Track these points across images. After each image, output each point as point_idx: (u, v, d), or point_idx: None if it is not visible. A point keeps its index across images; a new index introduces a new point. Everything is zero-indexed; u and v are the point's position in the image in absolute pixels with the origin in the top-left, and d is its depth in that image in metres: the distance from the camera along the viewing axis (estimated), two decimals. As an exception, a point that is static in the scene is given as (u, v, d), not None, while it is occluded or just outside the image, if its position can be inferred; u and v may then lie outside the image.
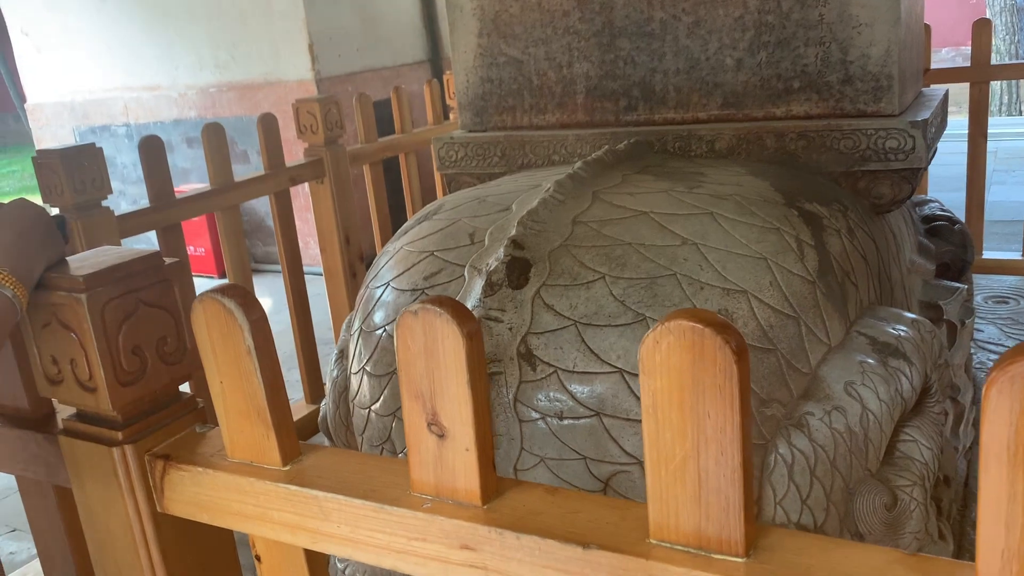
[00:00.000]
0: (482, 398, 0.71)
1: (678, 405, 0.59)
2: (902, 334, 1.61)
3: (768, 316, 1.45)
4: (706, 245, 1.48)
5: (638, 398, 1.39)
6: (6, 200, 1.01)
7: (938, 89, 2.24)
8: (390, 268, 1.78)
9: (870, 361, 1.52)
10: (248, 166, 5.70)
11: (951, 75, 3.70)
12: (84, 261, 0.86)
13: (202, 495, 0.84)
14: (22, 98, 7.78)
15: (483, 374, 0.71)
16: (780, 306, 1.47)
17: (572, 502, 0.70)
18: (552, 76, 2.15)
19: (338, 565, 1.80)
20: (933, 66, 3.57)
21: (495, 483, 0.73)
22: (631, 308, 1.42)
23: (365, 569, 1.65)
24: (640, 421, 1.38)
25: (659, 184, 1.69)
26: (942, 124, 2.17)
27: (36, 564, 1.99)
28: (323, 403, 2.03)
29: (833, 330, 1.54)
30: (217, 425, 0.89)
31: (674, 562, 0.62)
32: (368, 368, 1.68)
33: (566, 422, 1.42)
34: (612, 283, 1.45)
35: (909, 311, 1.81)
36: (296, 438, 0.83)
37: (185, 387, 0.98)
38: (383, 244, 3.24)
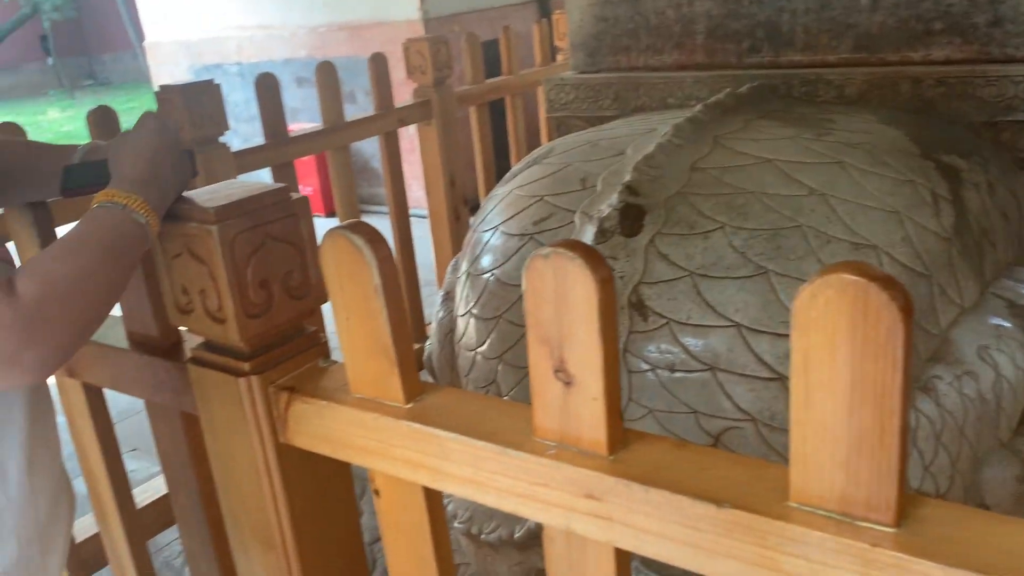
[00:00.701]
0: (612, 347, 0.68)
1: (831, 364, 0.55)
2: (1043, 298, 1.50)
3: (899, 274, 1.37)
4: (835, 196, 1.41)
5: (755, 354, 1.35)
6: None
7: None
8: (499, 212, 1.77)
9: (1007, 325, 1.43)
10: (355, 106, 5.77)
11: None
12: (214, 193, 0.87)
13: (325, 428, 0.85)
14: (140, 36, 8.05)
15: (614, 322, 0.68)
16: (912, 263, 1.39)
17: (702, 458, 0.68)
18: (671, 15, 2.07)
19: (440, 502, 1.83)
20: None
21: (621, 434, 0.71)
22: (752, 260, 1.36)
23: (467, 507, 1.68)
24: (756, 378, 1.34)
25: (784, 130, 1.61)
26: (1098, 72, 1.99)
27: (155, 482, 2.10)
28: (427, 343, 2.05)
29: (967, 291, 1.45)
30: (338, 360, 0.90)
31: (816, 527, 0.59)
32: (475, 311, 1.68)
33: (677, 375, 1.39)
34: (732, 233, 1.40)
35: (1051, 274, 1.69)
36: (418, 377, 0.82)
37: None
38: (487, 188, 3.23)
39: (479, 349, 1.66)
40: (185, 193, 0.91)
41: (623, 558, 0.72)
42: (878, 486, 0.57)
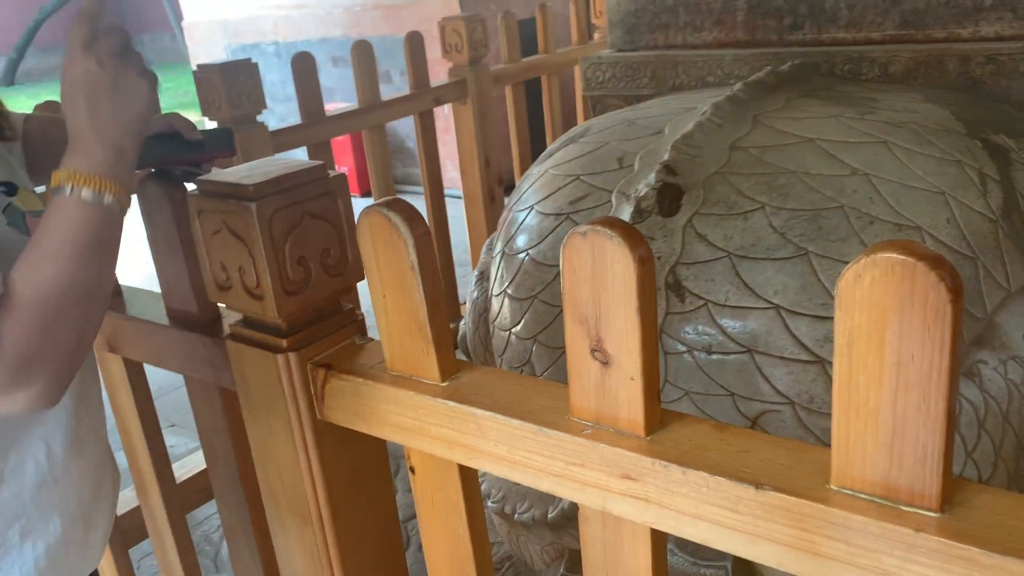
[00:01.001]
0: (650, 327, 0.68)
1: (877, 346, 0.54)
2: (1093, 282, 1.46)
3: (943, 256, 1.34)
4: (878, 176, 1.38)
5: (795, 337, 1.33)
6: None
7: None
8: (534, 191, 1.76)
9: (1055, 309, 1.40)
10: (390, 86, 5.77)
11: None
12: (253, 171, 0.88)
13: (361, 405, 0.85)
14: (179, 16, 8.11)
15: (653, 302, 0.67)
16: (957, 245, 1.36)
17: (742, 440, 0.67)
18: (711, -8, 2.03)
19: (474, 481, 1.84)
20: None
21: (659, 415, 0.70)
22: (792, 241, 1.34)
23: (501, 486, 1.68)
24: (795, 360, 1.32)
25: (827, 109, 1.58)
26: None
27: (194, 457, 2.14)
28: (462, 322, 2.05)
29: (1014, 274, 1.42)
30: (375, 338, 0.90)
31: (857, 511, 0.58)
32: (510, 291, 1.67)
33: (714, 357, 1.37)
34: (772, 214, 1.37)
35: (1101, 257, 1.64)
36: (454, 355, 0.82)
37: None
38: (522, 167, 3.21)
39: (513, 329, 1.66)
40: (223, 170, 0.91)
41: (659, 539, 0.72)
42: (922, 470, 0.56)
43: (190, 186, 0.93)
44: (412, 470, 0.88)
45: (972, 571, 0.54)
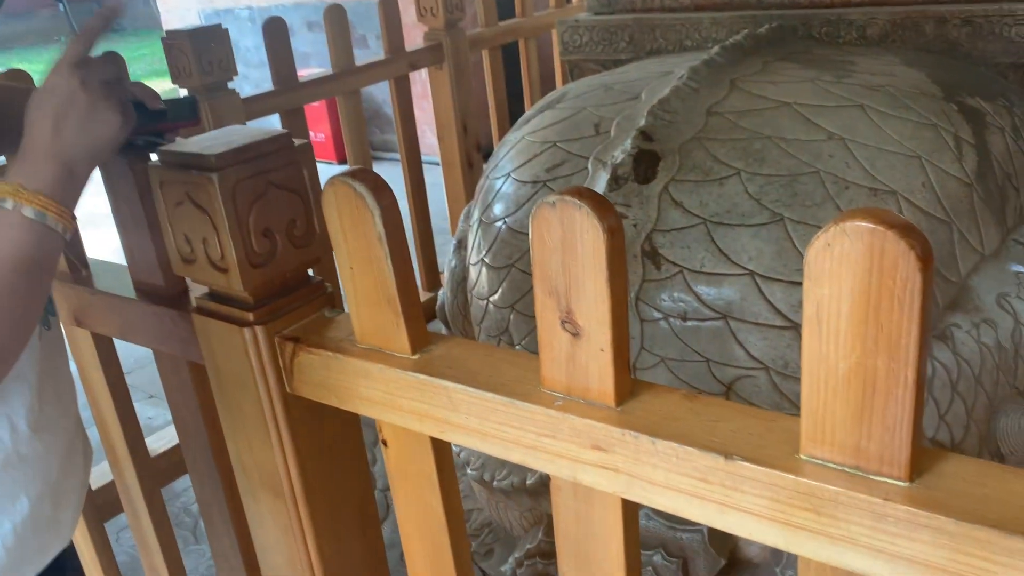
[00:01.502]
0: (620, 297, 0.67)
1: (847, 315, 0.54)
2: (1067, 245, 1.47)
3: (918, 221, 1.34)
4: (854, 141, 1.37)
5: (769, 303, 1.33)
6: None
7: None
8: (511, 158, 1.74)
9: (1028, 273, 1.40)
10: (366, 51, 5.68)
11: None
12: (215, 140, 0.85)
13: (331, 379, 0.84)
14: (150, -19, 7.94)
15: (623, 272, 0.66)
16: (932, 210, 1.35)
17: (712, 409, 0.66)
18: (688, -46, 2.00)
19: (453, 448, 1.84)
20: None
21: (630, 385, 0.70)
22: (767, 207, 1.34)
23: (479, 455, 1.68)
24: (770, 326, 1.32)
25: (804, 72, 1.57)
26: None
27: (171, 430, 2.12)
28: (440, 292, 2.04)
29: (988, 238, 1.42)
30: (344, 310, 0.89)
31: (827, 480, 0.57)
32: (487, 260, 1.66)
33: (690, 323, 1.37)
34: (748, 180, 1.36)
35: (1075, 220, 1.65)
36: (425, 327, 0.81)
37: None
38: (500, 134, 3.18)
39: (491, 298, 1.65)
40: (185, 140, 0.89)
41: (630, 509, 0.71)
42: (891, 440, 0.55)
43: (153, 156, 0.91)
44: (384, 443, 0.87)
45: (940, 539, 0.54)
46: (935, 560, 0.54)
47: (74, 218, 0.84)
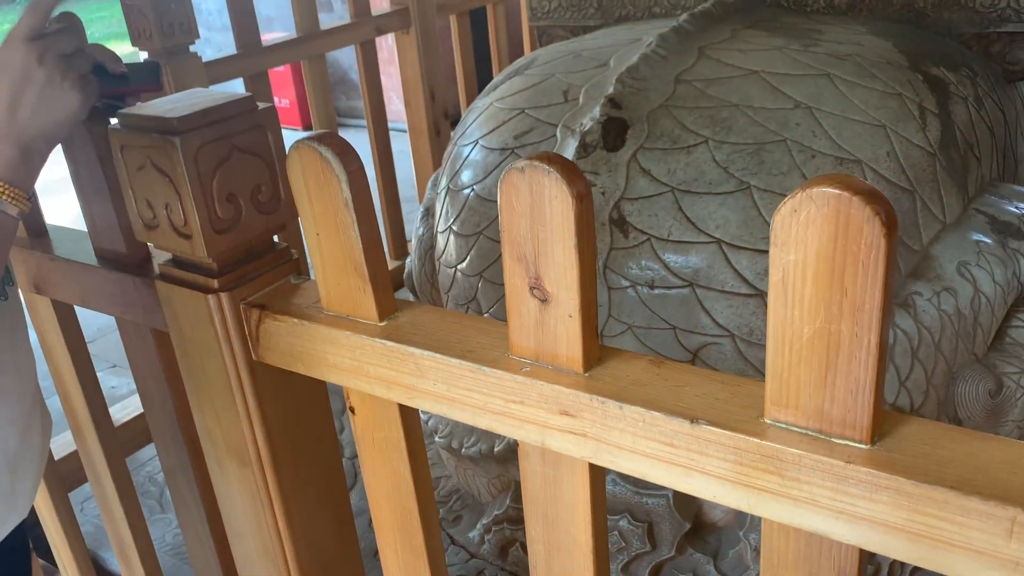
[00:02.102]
0: (589, 263, 0.67)
1: (812, 281, 0.54)
2: (1025, 214, 1.50)
3: (882, 189, 1.35)
4: (820, 109, 1.38)
5: (735, 270, 1.34)
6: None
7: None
8: (479, 125, 1.72)
9: (987, 241, 1.43)
10: (332, 15, 5.59)
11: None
12: (177, 103, 0.84)
13: (297, 346, 0.84)
14: (107, -60, 7.70)
15: (591, 238, 0.66)
16: (896, 179, 1.37)
17: (679, 374, 0.67)
18: (658, -81, 1.99)
19: (421, 416, 1.85)
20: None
21: (597, 351, 0.70)
22: (734, 175, 1.34)
23: (448, 422, 1.69)
24: (736, 294, 1.33)
25: (772, 41, 1.57)
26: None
27: (135, 399, 2.10)
28: (408, 260, 2.03)
29: (950, 206, 1.44)
30: (311, 277, 0.88)
31: (791, 444, 0.58)
32: (455, 228, 1.65)
33: (657, 291, 1.38)
34: (715, 148, 1.37)
35: (1034, 189, 1.68)
36: (392, 294, 0.81)
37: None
38: (468, 100, 3.15)
39: (459, 266, 1.64)
40: (147, 103, 0.87)
41: (597, 474, 0.72)
42: (854, 403, 0.56)
43: (114, 120, 0.89)
44: (352, 410, 0.87)
45: (900, 500, 0.55)
46: (894, 521, 0.55)
47: (30, 197, 0.82)
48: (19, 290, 1.12)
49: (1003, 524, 0.51)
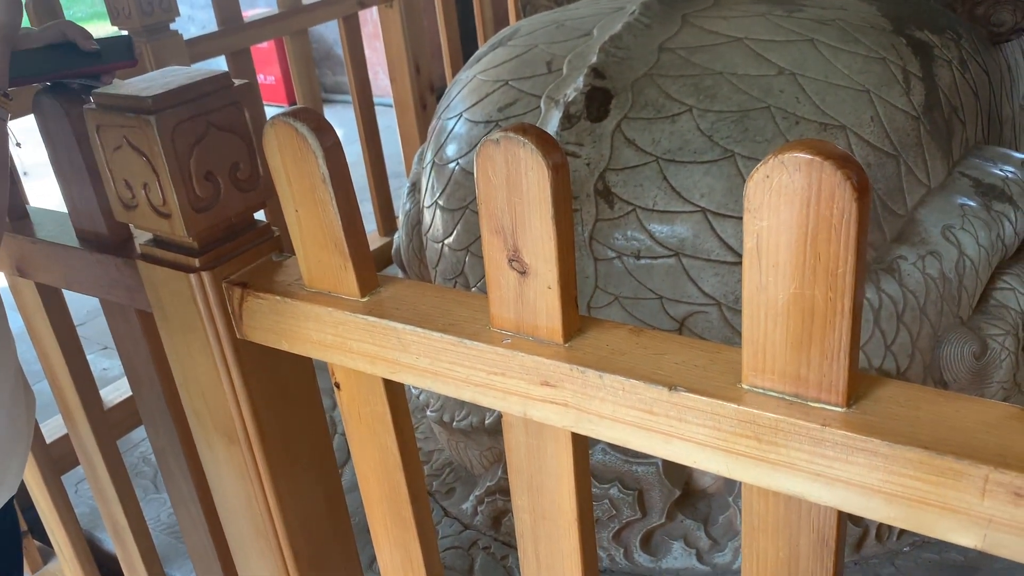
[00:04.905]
0: (566, 234, 0.67)
1: (786, 246, 0.54)
2: (1009, 176, 1.50)
3: (867, 155, 1.35)
4: (804, 75, 1.37)
5: (721, 239, 1.34)
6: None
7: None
8: (463, 98, 1.71)
9: (972, 204, 1.43)
10: (315, -10, 5.52)
11: None
12: (152, 81, 0.83)
13: (281, 323, 0.84)
14: (86, -83, 7.58)
15: (568, 209, 0.66)
16: (880, 143, 1.37)
17: (658, 343, 0.67)
18: None
19: (412, 391, 1.85)
20: None
21: (577, 322, 0.70)
22: (719, 144, 1.34)
23: (439, 395, 1.69)
24: (721, 262, 1.34)
25: (755, 7, 1.56)
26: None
27: (127, 380, 2.10)
28: (396, 236, 2.02)
29: (934, 170, 1.44)
30: (293, 254, 0.88)
31: (767, 408, 0.59)
32: (441, 202, 1.65)
33: (643, 261, 1.38)
34: (700, 116, 1.36)
35: (1019, 151, 1.68)
36: (374, 269, 0.81)
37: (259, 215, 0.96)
38: (454, 73, 3.13)
39: (446, 240, 1.64)
40: (123, 82, 0.86)
41: (580, 443, 0.73)
42: (830, 367, 0.57)
43: (90, 101, 0.88)
44: (337, 386, 0.87)
45: (874, 461, 0.55)
46: (870, 482, 0.56)
47: (6, 94, 0.81)
48: (-1, 273, 1.12)
49: (976, 482, 0.52)
